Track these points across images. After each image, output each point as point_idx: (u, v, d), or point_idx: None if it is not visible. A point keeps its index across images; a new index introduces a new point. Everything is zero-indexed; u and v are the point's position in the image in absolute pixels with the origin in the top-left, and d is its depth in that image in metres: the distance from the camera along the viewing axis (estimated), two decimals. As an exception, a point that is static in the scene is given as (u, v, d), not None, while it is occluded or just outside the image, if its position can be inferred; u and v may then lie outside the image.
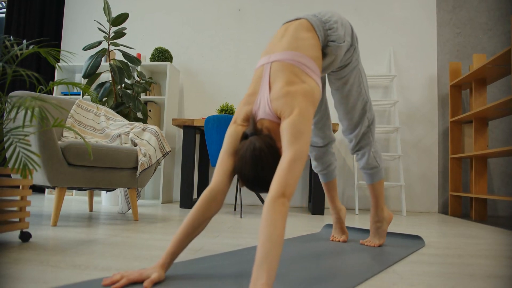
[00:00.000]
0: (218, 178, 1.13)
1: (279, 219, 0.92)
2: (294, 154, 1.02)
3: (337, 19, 1.38)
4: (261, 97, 1.19)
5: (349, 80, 1.50)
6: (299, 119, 1.07)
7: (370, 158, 1.61)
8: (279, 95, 1.13)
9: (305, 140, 1.05)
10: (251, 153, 1.08)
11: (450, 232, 2.31)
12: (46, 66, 4.49)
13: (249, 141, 1.10)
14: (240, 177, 1.11)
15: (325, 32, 1.35)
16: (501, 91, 3.75)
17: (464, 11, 3.88)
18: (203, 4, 4.24)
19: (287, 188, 0.97)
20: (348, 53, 1.44)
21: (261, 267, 0.84)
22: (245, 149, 1.09)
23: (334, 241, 1.76)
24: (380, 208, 1.67)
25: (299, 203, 3.92)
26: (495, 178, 3.70)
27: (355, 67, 1.48)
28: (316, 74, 1.24)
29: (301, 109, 1.09)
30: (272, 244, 0.87)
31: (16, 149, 1.29)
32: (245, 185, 1.12)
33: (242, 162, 1.09)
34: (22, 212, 1.49)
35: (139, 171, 2.25)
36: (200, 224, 1.09)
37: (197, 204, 1.09)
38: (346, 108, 1.55)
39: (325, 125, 1.67)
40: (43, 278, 1.02)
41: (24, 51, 1.50)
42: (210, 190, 1.11)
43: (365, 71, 3.90)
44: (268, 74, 1.21)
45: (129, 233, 1.84)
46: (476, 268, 1.35)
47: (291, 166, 1.00)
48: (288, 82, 1.16)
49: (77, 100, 2.63)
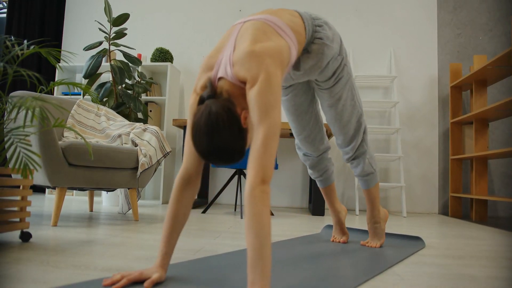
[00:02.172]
0: (186, 162, 1.07)
1: (264, 212, 0.87)
2: (266, 131, 0.93)
3: (327, 22, 1.32)
4: (224, 56, 1.06)
5: (342, 96, 1.44)
6: (267, 88, 0.96)
7: (366, 165, 1.59)
8: (242, 55, 1.01)
9: (276, 112, 0.96)
10: (206, 119, 0.95)
11: (450, 233, 2.31)
12: (46, 66, 4.49)
13: (204, 105, 0.98)
14: (196, 148, 0.97)
15: (313, 28, 1.27)
16: (502, 92, 3.74)
17: (465, 12, 3.88)
18: (203, 5, 4.24)
19: (266, 172, 0.90)
20: (335, 62, 1.35)
21: (255, 268, 0.83)
22: (200, 114, 0.97)
23: (334, 242, 1.76)
24: (377, 210, 1.66)
25: (299, 204, 3.92)
26: (495, 179, 3.69)
27: (347, 81, 1.42)
28: (290, 39, 1.14)
29: (268, 75, 0.98)
30: (262, 242, 0.84)
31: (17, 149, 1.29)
32: (202, 157, 0.97)
33: (196, 130, 0.96)
34: (23, 212, 1.49)
35: (139, 171, 2.25)
36: (181, 214, 1.06)
37: (172, 194, 1.07)
38: (340, 123, 1.50)
39: (316, 139, 1.60)
40: (43, 278, 1.02)
41: (25, 51, 1.50)
42: (180, 177, 1.07)
43: (364, 72, 3.91)
44: (236, 33, 1.10)
45: (130, 233, 1.84)
46: (477, 269, 1.35)
47: (266, 145, 0.92)
48: (254, 40, 1.04)
49: (78, 100, 2.63)
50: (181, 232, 1.07)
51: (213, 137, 0.94)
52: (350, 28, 4.00)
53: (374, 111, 3.92)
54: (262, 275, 0.82)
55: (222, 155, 0.96)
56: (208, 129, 0.94)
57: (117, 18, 3.13)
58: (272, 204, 3.94)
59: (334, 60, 1.35)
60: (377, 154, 3.45)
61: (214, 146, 0.94)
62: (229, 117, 0.95)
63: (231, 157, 0.97)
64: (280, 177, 3.94)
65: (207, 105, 0.97)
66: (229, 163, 0.99)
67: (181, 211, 1.06)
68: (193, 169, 1.07)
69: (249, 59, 1.00)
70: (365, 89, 3.94)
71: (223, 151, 0.95)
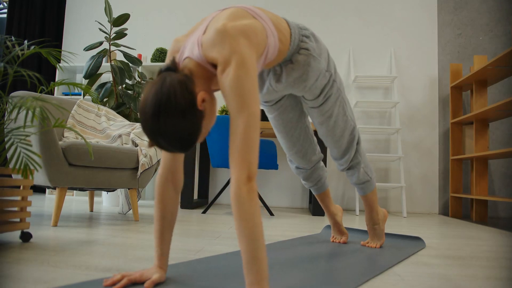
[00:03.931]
0: (163, 158, 1.03)
1: (254, 212, 0.82)
2: (247, 122, 0.85)
3: (314, 34, 1.25)
4: (192, 38, 0.98)
5: (333, 113, 1.38)
6: (243, 72, 0.87)
7: (361, 174, 1.56)
8: (213, 34, 0.92)
9: (255, 100, 0.88)
10: (156, 91, 0.84)
11: (450, 233, 2.31)
12: (47, 66, 4.49)
13: (159, 77, 0.88)
14: (142, 127, 0.87)
15: (300, 37, 1.19)
16: (502, 92, 3.74)
17: (465, 12, 3.88)
18: (204, 5, 4.24)
19: (251, 168, 0.84)
20: (323, 79, 1.28)
21: (251, 270, 0.81)
22: (150, 86, 0.86)
23: (334, 242, 1.76)
24: (375, 212, 1.66)
25: (300, 204, 3.92)
26: (495, 180, 3.69)
27: (337, 97, 1.36)
28: (270, 28, 1.06)
29: (242, 57, 0.88)
30: (256, 243, 0.81)
31: (17, 149, 1.29)
32: (147, 136, 0.87)
33: (143, 105, 0.85)
34: (23, 212, 1.49)
35: (139, 171, 2.26)
36: (168, 213, 1.04)
37: (155, 194, 1.05)
38: (333, 139, 1.46)
39: (307, 152, 1.56)
40: (43, 278, 1.02)
41: (25, 51, 1.51)
42: (159, 175, 1.04)
43: (364, 73, 3.91)
44: (210, 18, 1.01)
45: (130, 233, 1.84)
46: (477, 269, 1.34)
47: (248, 138, 0.85)
48: (227, 20, 0.95)
49: (78, 100, 2.63)
50: (173, 230, 1.04)
51: (159, 113, 0.83)
52: (350, 28, 4.00)
53: (374, 111, 3.92)
54: (260, 276, 0.81)
55: (168, 136, 0.84)
56: (156, 102, 0.83)
57: (117, 18, 3.13)
58: (272, 204, 3.94)
59: (322, 77, 1.27)
60: (377, 154, 3.45)
61: (161, 124, 0.83)
62: (182, 92, 0.85)
63: (179, 140, 0.85)
64: (280, 177, 3.94)
65: (161, 76, 0.87)
66: (177, 148, 0.87)
67: (167, 210, 1.04)
68: (171, 165, 1.03)
69: (221, 38, 0.91)
70: (365, 90, 3.94)
71: (170, 131, 0.84)
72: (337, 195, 3.87)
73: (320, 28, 4.03)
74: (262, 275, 0.81)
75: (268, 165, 2.89)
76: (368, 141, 3.89)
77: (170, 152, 0.89)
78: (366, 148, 3.89)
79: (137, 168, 2.31)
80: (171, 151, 0.88)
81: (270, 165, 2.90)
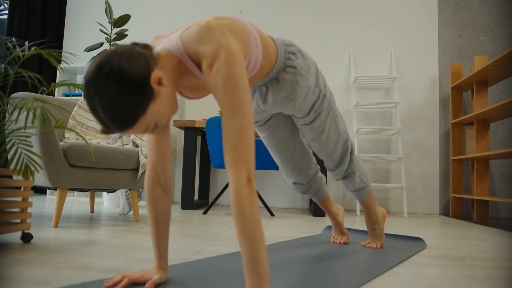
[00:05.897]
0: (149, 158, 1.03)
1: (255, 213, 0.81)
2: (242, 122, 0.83)
3: (300, 50, 1.21)
4: (173, 34, 0.95)
5: (325, 128, 1.36)
6: (233, 68, 0.83)
7: (357, 182, 1.56)
8: (197, 29, 0.89)
9: (247, 98, 0.85)
10: (113, 51, 0.79)
11: (451, 233, 2.31)
12: (48, 67, 4.50)
13: (121, 45, 0.84)
14: (84, 81, 0.80)
15: (286, 55, 1.16)
16: (503, 92, 3.74)
17: (466, 13, 3.88)
18: (204, 6, 4.25)
19: (249, 169, 0.82)
20: (313, 96, 1.24)
21: (252, 272, 0.81)
22: (106, 52, 0.80)
23: (335, 243, 1.76)
24: (374, 213, 1.66)
25: (300, 205, 3.91)
26: (496, 180, 3.69)
27: (328, 112, 1.33)
28: (254, 36, 1.03)
29: (231, 51, 0.85)
30: (256, 245, 0.81)
31: (18, 150, 1.29)
32: (85, 92, 0.80)
33: (95, 60, 0.80)
34: (24, 213, 1.49)
35: (140, 172, 2.26)
36: (161, 214, 1.03)
37: (145, 197, 1.04)
38: (327, 152, 1.45)
39: (304, 167, 1.54)
40: (44, 279, 1.02)
41: (26, 52, 1.51)
42: (147, 176, 1.03)
43: (365, 73, 3.91)
44: (194, 22, 0.98)
45: (130, 234, 1.84)
46: (478, 270, 1.34)
47: (244, 138, 0.83)
48: (211, 18, 0.92)
49: (79, 101, 2.63)
50: (168, 230, 1.04)
51: (107, 73, 0.77)
52: (350, 28, 4.01)
53: (375, 111, 3.92)
54: (261, 278, 0.81)
55: (105, 102, 0.77)
56: (106, 61, 0.77)
57: (118, 19, 3.14)
58: (273, 205, 3.94)
59: (312, 93, 1.24)
60: (378, 154, 3.45)
61: (103, 84, 0.77)
62: (138, 62, 0.80)
63: (115, 111, 0.78)
64: (280, 177, 3.94)
65: (123, 45, 0.83)
66: (110, 121, 0.80)
67: (160, 211, 1.04)
68: (158, 166, 1.02)
69: (206, 33, 0.87)
70: (365, 90, 3.94)
71: (110, 96, 0.77)
72: (338, 196, 3.87)
73: (320, 28, 4.03)
74: (263, 276, 0.81)
75: (268, 165, 2.89)
76: (369, 142, 3.89)
77: (104, 126, 0.82)
78: (366, 149, 3.89)
79: (137, 169, 2.32)
80: (104, 125, 0.81)
81: (270, 166, 2.90)
